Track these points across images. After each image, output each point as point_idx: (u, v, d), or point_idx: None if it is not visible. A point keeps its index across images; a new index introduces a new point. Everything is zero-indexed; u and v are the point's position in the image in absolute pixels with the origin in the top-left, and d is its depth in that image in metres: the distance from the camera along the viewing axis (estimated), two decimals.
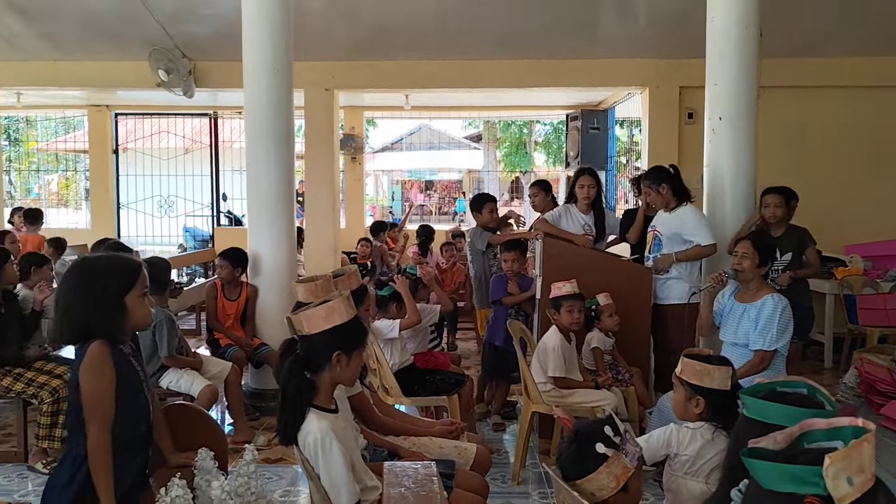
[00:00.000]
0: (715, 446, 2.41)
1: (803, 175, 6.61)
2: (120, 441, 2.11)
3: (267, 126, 5.38)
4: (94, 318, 2.16)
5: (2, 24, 7.20)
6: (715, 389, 2.44)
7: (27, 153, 20.43)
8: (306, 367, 2.28)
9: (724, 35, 4.72)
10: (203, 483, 2.16)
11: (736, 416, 2.46)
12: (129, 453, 2.16)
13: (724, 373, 2.44)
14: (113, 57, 7.88)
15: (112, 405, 2.13)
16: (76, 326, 2.19)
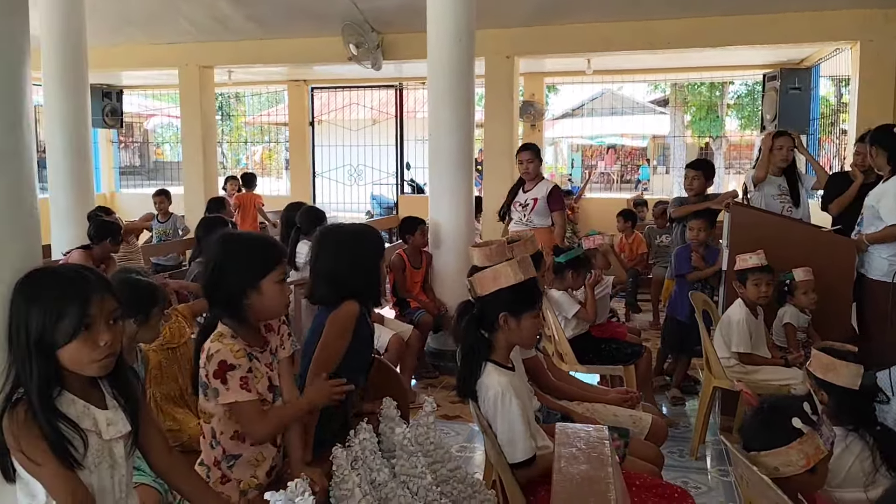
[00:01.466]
0: (851, 452, 2.24)
1: None
2: None
3: (448, 95, 5.52)
4: (359, 281, 2.45)
5: (216, 7, 7.94)
6: (841, 387, 2.27)
7: (237, 127, 22.48)
8: (481, 326, 2.39)
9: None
10: (387, 430, 2.31)
11: (868, 419, 2.27)
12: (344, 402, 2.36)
13: (851, 371, 2.28)
14: (310, 34, 8.42)
15: (337, 362, 2.35)
16: (338, 288, 2.42)
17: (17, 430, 1.41)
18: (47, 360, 1.44)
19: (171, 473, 1.72)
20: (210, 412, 1.97)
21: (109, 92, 10.27)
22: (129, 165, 20.21)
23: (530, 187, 5.56)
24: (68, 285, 1.47)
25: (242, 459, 2.00)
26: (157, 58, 9.21)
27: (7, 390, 1.45)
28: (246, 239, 2.13)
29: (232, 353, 1.90)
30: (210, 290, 2.00)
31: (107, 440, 1.54)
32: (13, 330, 1.45)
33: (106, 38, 8.35)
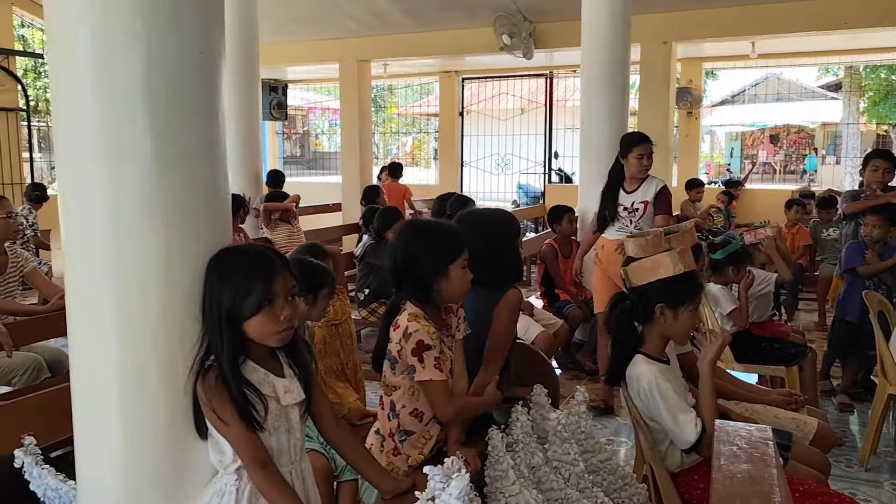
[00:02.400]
0: None
1: None
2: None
3: (602, 83, 5.43)
4: (515, 264, 2.59)
5: (375, 3, 8.26)
6: None
7: (388, 118, 23.26)
8: (634, 318, 2.36)
9: None
10: (538, 416, 2.35)
11: None
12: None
13: None
14: (463, 25, 8.56)
15: (508, 347, 2.43)
16: (498, 271, 2.46)
17: (209, 393, 1.58)
18: (235, 331, 1.60)
19: (338, 441, 1.85)
20: (394, 385, 2.09)
21: (276, 86, 10.96)
22: (291, 155, 21.49)
23: (634, 187, 4.38)
24: (255, 264, 1.62)
25: (414, 436, 2.10)
26: (320, 53, 9.73)
27: (200, 356, 1.62)
28: (435, 227, 2.21)
29: (428, 334, 2.01)
30: (398, 275, 2.11)
31: (284, 406, 1.68)
32: (207, 303, 1.62)
33: (274, 36, 8.93)
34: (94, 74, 1.52)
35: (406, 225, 2.26)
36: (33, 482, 1.99)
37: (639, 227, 4.20)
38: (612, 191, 4.41)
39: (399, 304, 2.11)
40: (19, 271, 3.84)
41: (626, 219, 4.37)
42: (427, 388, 2.03)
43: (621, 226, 4.36)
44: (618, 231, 4.35)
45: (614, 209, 4.36)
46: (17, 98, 8.95)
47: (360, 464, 1.87)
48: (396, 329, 2.05)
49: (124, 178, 1.55)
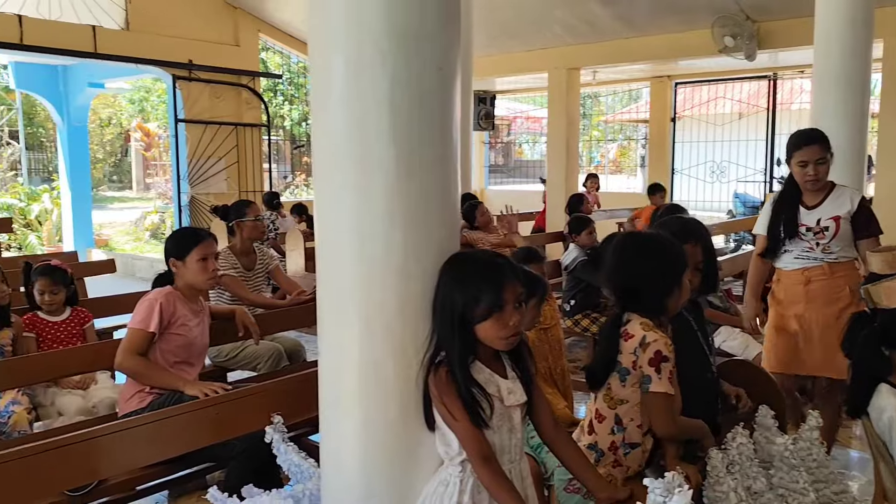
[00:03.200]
0: None
1: None
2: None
3: (837, 84, 4.96)
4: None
5: (588, 10, 8.23)
6: None
7: (592, 125, 22.96)
8: (883, 342, 2.15)
9: None
10: (762, 439, 2.22)
11: None
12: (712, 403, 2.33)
13: None
14: (678, 29, 8.26)
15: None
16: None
17: (441, 388, 1.68)
18: (467, 333, 1.69)
19: (557, 443, 1.89)
20: (621, 398, 2.07)
21: (485, 97, 11.26)
22: (495, 164, 21.96)
23: (816, 201, 3.35)
24: (488, 271, 1.71)
25: (639, 449, 2.08)
26: (530, 63, 9.87)
27: (430, 353, 1.73)
28: (663, 241, 2.17)
29: (666, 346, 1.99)
30: (625, 290, 2.10)
31: (507, 406, 1.75)
32: (440, 303, 1.72)
33: (486, 48, 9.21)
34: (346, 93, 1.70)
35: (630, 239, 2.25)
36: (280, 457, 2.23)
37: (828, 251, 3.32)
38: (787, 206, 3.40)
39: (622, 316, 2.09)
40: (265, 268, 4.31)
41: (810, 241, 3.33)
42: (656, 400, 1.99)
43: (803, 250, 3.36)
44: (798, 258, 3.37)
45: (793, 228, 3.36)
46: (261, 115, 10.03)
47: (577, 467, 1.89)
48: (629, 339, 2.03)
49: (369, 186, 1.70)
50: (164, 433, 2.27)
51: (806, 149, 3.24)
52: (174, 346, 2.97)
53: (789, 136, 3.42)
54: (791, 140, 3.37)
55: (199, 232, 3.18)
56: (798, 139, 3.32)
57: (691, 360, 2.23)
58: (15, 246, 11.30)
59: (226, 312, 3.49)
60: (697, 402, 2.17)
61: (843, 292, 3.26)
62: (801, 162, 3.25)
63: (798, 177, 3.30)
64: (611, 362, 2.06)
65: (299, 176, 18.69)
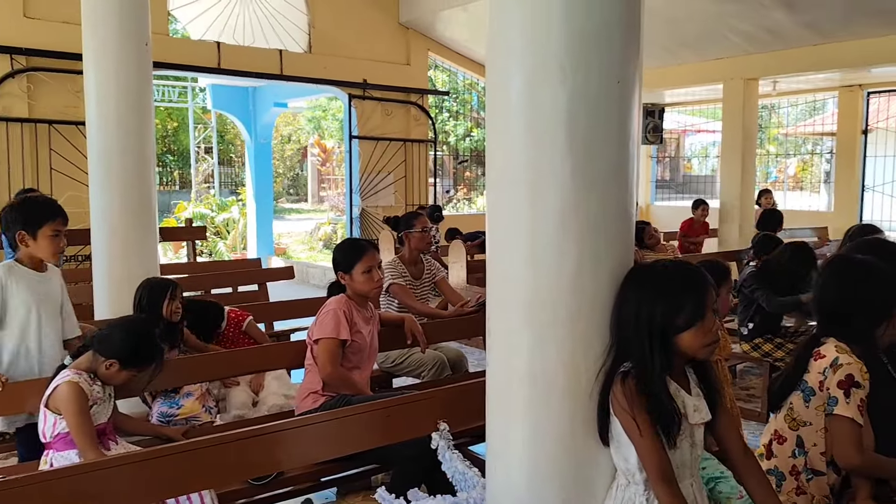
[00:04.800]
0: None
1: None
2: None
3: None
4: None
5: (769, 18, 7.76)
6: None
7: (770, 138, 21.57)
8: None
9: None
10: None
11: None
12: None
13: None
14: (873, 34, 7.59)
15: None
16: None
17: (631, 399, 1.64)
18: (668, 343, 1.66)
19: (744, 467, 1.80)
20: (804, 420, 1.97)
21: (653, 110, 10.96)
22: (662, 179, 21.24)
23: None
24: (687, 280, 1.69)
25: (823, 478, 1.94)
26: (703, 74, 9.47)
27: (610, 363, 1.70)
28: (883, 270, 2.02)
29: (860, 372, 1.90)
30: (835, 312, 2.01)
31: (691, 423, 1.69)
32: (633, 315, 1.67)
33: (656, 60, 8.95)
34: (523, 108, 1.72)
35: (838, 260, 2.16)
36: (445, 463, 2.28)
37: None
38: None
39: (820, 339, 1.96)
40: (432, 278, 4.44)
41: None
42: (840, 425, 1.87)
43: None
44: None
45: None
46: (427, 131, 10.37)
47: (762, 495, 1.78)
48: (820, 359, 1.93)
49: (544, 199, 1.70)
50: (338, 432, 2.39)
51: None
52: (349, 351, 3.13)
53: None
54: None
55: (361, 244, 3.32)
56: None
57: (884, 397, 2.03)
58: (206, 252, 12.43)
59: (396, 320, 3.63)
60: (893, 441, 1.98)
61: None
62: None
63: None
64: (796, 381, 1.94)
65: (461, 190, 19.11)
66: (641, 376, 1.64)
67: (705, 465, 2.31)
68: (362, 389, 3.13)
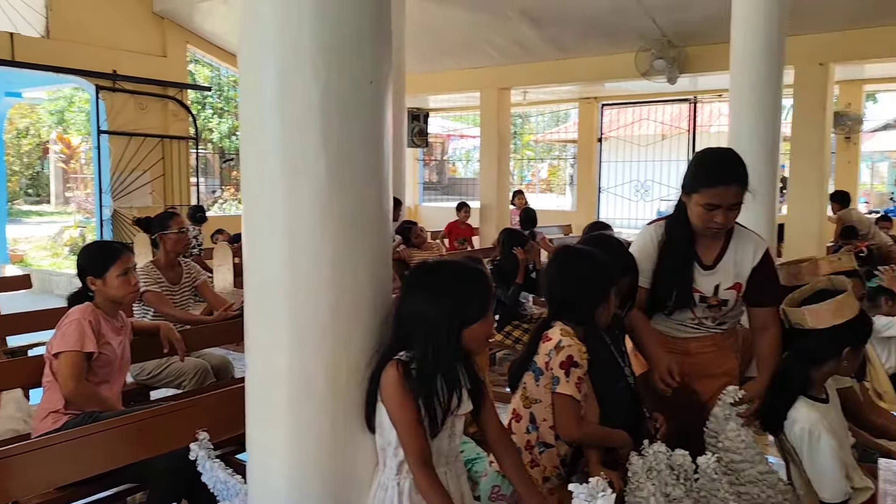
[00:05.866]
0: None
1: None
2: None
3: (752, 107, 5.23)
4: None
5: (519, 32, 8.42)
6: None
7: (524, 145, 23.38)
8: (807, 361, 2.28)
9: None
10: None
11: None
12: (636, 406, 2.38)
13: None
14: (605, 52, 8.54)
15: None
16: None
17: (399, 386, 1.69)
18: (456, 338, 1.76)
19: (498, 446, 1.94)
20: (536, 397, 2.12)
21: (418, 115, 11.34)
22: (429, 181, 22.10)
23: (714, 255, 2.46)
24: (475, 276, 1.83)
25: (553, 450, 2.13)
26: (462, 82, 10.03)
27: (383, 352, 1.76)
28: (593, 255, 2.23)
29: (579, 353, 2.06)
30: (560, 298, 2.17)
31: (454, 415, 1.79)
32: (420, 311, 1.75)
33: (419, 66, 9.30)
34: (277, 105, 1.69)
35: (562, 251, 2.30)
36: (205, 474, 2.17)
37: (721, 323, 2.52)
38: (681, 262, 2.45)
39: (550, 322, 2.15)
40: (192, 283, 4.21)
41: (703, 315, 2.48)
42: (560, 402, 2.05)
43: (689, 319, 2.51)
44: (683, 326, 2.53)
45: (687, 297, 2.45)
46: (188, 128, 9.82)
47: (515, 474, 1.93)
48: (547, 341, 2.09)
49: (300, 197, 1.69)
50: (82, 451, 2.19)
51: (721, 189, 2.29)
52: (96, 364, 2.87)
53: (698, 159, 2.48)
54: (701, 170, 2.39)
55: (114, 246, 3.08)
56: (711, 173, 2.34)
57: (606, 373, 2.28)
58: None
59: (150, 328, 3.39)
60: (617, 412, 2.25)
61: (729, 364, 2.56)
62: (710, 204, 2.30)
63: (699, 219, 2.36)
64: (529, 362, 2.12)
65: (228, 190, 18.32)
66: (422, 368, 1.72)
67: (464, 448, 2.46)
68: (112, 405, 2.88)
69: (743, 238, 2.46)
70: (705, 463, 2.12)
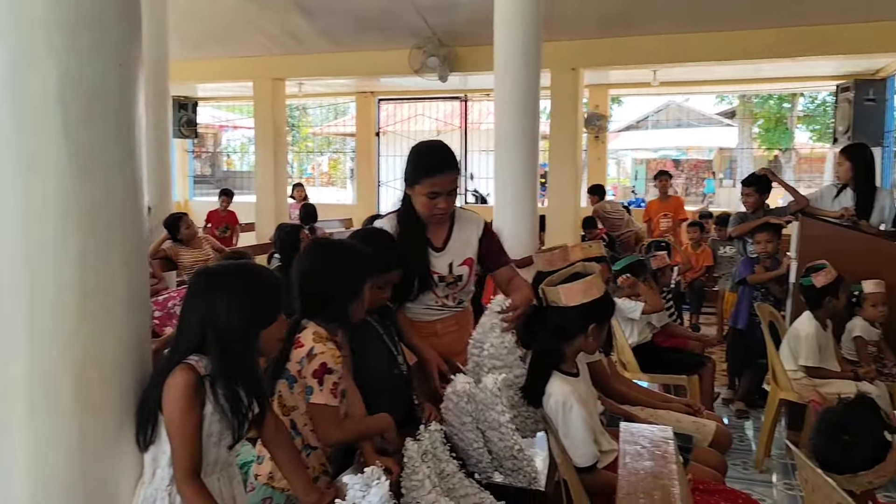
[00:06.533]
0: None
1: None
2: None
3: (514, 107, 5.60)
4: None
5: (290, 22, 8.25)
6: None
7: (303, 137, 23.08)
8: (560, 336, 2.46)
9: None
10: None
11: None
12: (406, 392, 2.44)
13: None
14: (379, 47, 8.65)
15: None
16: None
17: (184, 392, 1.62)
18: (254, 342, 1.74)
19: (273, 443, 1.90)
20: (292, 405, 2.05)
21: (186, 103, 10.72)
22: (202, 175, 20.99)
23: (443, 238, 2.71)
24: (268, 281, 1.81)
25: (319, 450, 2.10)
26: (233, 71, 9.62)
27: (166, 361, 1.68)
28: (348, 246, 2.19)
29: (333, 359, 1.99)
30: (307, 296, 2.08)
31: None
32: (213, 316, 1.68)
33: (185, 52, 8.76)
34: (11, 87, 1.51)
35: (314, 245, 2.23)
36: None
37: (459, 301, 2.78)
38: (416, 248, 2.64)
39: (300, 322, 2.07)
40: None
41: (444, 294, 2.71)
42: (318, 412, 2.01)
43: (431, 301, 2.71)
44: (428, 310, 2.73)
45: (428, 280, 2.67)
46: None
47: (291, 470, 1.89)
48: (299, 347, 2.01)
49: (40, 188, 1.53)
50: None
51: (439, 177, 2.52)
52: None
53: (416, 153, 2.63)
54: (420, 162, 2.58)
55: None
56: (429, 164, 2.56)
57: (380, 363, 2.32)
58: None
59: None
60: (392, 401, 2.30)
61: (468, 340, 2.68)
62: (433, 192, 2.52)
63: (424, 208, 2.57)
64: (281, 369, 2.03)
65: None
66: (220, 375, 1.66)
67: (241, 451, 2.37)
68: None
69: (464, 219, 2.76)
70: (492, 382, 2.25)
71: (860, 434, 1.95)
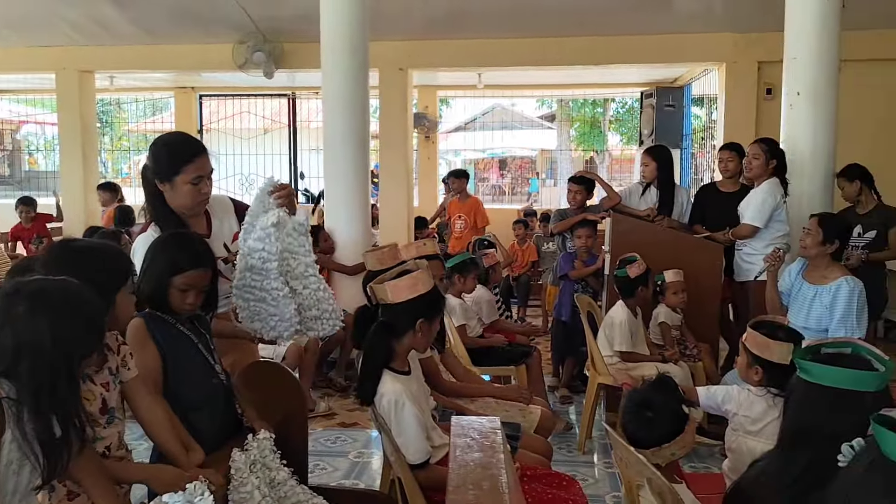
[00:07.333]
0: (775, 411, 2.44)
1: (888, 152, 6.38)
2: None
3: (343, 105, 5.56)
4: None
5: (98, 10, 7.62)
6: (775, 362, 2.47)
7: (118, 135, 21.47)
8: (389, 333, 2.44)
9: (803, 6, 4.60)
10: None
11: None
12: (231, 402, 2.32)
13: (784, 349, 2.45)
14: (199, 40, 8.23)
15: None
16: None
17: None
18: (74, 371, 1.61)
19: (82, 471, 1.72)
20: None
21: None
22: None
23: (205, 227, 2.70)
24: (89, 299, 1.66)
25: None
26: (33, 61, 8.74)
27: None
28: (97, 249, 1.99)
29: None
30: None
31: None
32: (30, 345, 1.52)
33: None
34: None
35: (58, 248, 2.01)
36: None
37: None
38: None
39: None
40: None
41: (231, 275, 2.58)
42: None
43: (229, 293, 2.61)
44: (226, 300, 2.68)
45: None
46: None
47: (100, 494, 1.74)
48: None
49: None
50: None
51: (199, 160, 2.48)
52: None
53: (162, 145, 2.56)
54: (174, 152, 2.51)
55: None
56: (186, 151, 2.51)
57: (196, 373, 2.19)
58: None
59: None
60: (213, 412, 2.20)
61: None
62: (197, 177, 2.47)
63: (190, 196, 2.50)
64: None
65: None
66: (32, 410, 1.52)
67: None
68: None
69: (215, 203, 2.68)
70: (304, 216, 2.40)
71: (660, 410, 2.12)
